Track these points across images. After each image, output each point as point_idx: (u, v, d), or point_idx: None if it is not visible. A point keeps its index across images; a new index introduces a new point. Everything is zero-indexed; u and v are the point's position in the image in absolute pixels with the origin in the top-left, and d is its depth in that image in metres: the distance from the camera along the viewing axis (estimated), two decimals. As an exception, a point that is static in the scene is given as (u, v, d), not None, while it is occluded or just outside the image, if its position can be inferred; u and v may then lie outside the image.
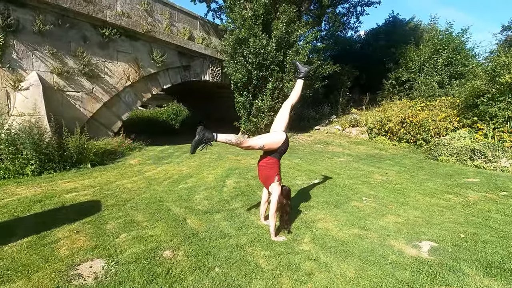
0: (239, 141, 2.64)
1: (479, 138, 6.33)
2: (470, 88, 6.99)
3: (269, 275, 2.15)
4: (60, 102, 7.04)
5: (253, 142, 2.71)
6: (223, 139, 2.57)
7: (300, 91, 3.13)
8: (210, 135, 2.52)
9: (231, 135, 2.62)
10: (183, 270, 2.19)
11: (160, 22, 9.24)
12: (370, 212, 3.43)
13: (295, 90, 3.11)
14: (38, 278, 2.06)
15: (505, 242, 2.62)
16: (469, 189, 4.38)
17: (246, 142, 2.65)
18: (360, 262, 2.32)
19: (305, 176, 5.19)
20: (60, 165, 5.85)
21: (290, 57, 9.07)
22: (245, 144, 2.64)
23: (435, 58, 10.64)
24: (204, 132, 2.52)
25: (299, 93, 3.12)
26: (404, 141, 8.17)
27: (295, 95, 3.09)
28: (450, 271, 2.15)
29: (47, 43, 6.69)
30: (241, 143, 2.64)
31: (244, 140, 2.68)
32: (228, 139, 2.57)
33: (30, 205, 3.66)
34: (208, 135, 2.51)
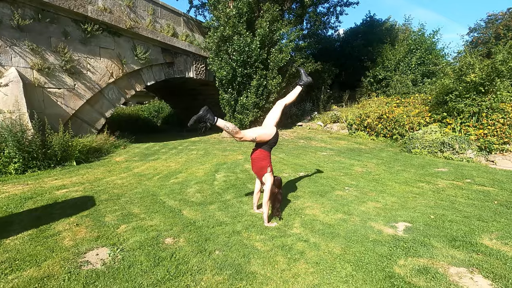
0: (235, 130, 2.83)
1: (448, 132, 6.89)
2: (440, 86, 7.57)
3: (265, 255, 2.37)
4: (41, 99, 6.88)
5: (246, 134, 2.90)
6: (222, 124, 2.78)
7: (297, 96, 3.34)
8: (211, 117, 2.73)
9: (230, 124, 2.82)
10: (186, 254, 2.37)
11: (143, 18, 9.17)
12: (352, 200, 3.74)
13: (293, 93, 3.29)
14: (47, 266, 2.17)
15: (467, 220, 3.00)
16: (439, 177, 4.83)
17: (240, 133, 2.84)
18: (345, 241, 2.60)
19: (291, 169, 5.46)
20: (44, 163, 5.77)
21: (273, 55, 9.31)
22: (239, 134, 2.83)
23: (409, 57, 11.31)
24: (207, 112, 2.73)
25: (294, 98, 3.32)
26: (382, 135, 8.68)
27: (290, 98, 3.26)
28: (421, 245, 2.48)
29: (27, 38, 6.51)
30: (236, 132, 2.83)
31: (239, 131, 2.87)
32: (227, 125, 2.77)
33: (22, 202, 3.66)
34: (210, 116, 2.72)
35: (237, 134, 2.83)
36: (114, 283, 1.97)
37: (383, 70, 11.65)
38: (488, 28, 14.93)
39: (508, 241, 2.53)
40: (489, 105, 6.78)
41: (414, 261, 2.24)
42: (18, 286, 1.92)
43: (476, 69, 6.84)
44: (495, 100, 6.73)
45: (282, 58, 9.30)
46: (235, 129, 2.84)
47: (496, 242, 2.53)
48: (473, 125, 6.87)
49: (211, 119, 2.75)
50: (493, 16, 15.24)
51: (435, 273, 2.07)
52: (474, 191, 4.08)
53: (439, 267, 2.14)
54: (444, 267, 2.15)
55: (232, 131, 2.81)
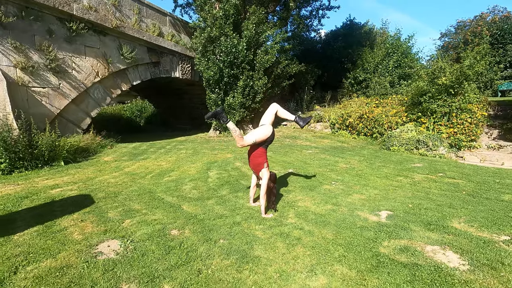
0: (240, 136, 3.08)
1: (423, 130, 7.46)
2: (415, 88, 8.15)
3: (266, 242, 2.62)
4: (25, 98, 6.75)
5: (246, 139, 3.15)
6: (231, 127, 3.09)
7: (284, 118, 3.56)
8: (225, 118, 3.12)
9: (238, 129, 3.09)
10: (193, 243, 2.57)
11: (129, 17, 9.13)
12: (339, 193, 4.07)
13: (285, 116, 3.47)
14: (63, 257, 2.30)
15: (440, 208, 3.40)
16: (415, 172, 5.29)
17: (241, 140, 3.09)
18: (336, 228, 2.90)
19: (280, 166, 5.74)
20: (31, 163, 5.70)
21: (259, 56, 9.57)
22: (241, 142, 3.08)
23: (387, 60, 11.98)
24: (223, 111, 3.17)
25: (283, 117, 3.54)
26: (363, 134, 9.18)
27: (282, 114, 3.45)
28: (402, 229, 2.82)
29: (10, 36, 6.39)
30: (240, 139, 3.07)
31: (242, 138, 3.10)
32: (235, 129, 3.08)
33: (18, 201, 3.69)
34: (224, 117, 3.12)
35: (240, 140, 3.08)
36: (132, 269, 2.14)
37: (363, 72, 12.25)
38: (458, 34, 16.01)
39: (473, 224, 2.93)
40: (458, 105, 7.42)
41: (396, 242, 2.57)
42: (40, 275, 2.05)
43: (447, 73, 7.46)
44: (463, 101, 7.38)
45: (268, 59, 9.58)
46: (241, 134, 3.09)
47: (464, 225, 2.92)
48: (444, 124, 7.48)
49: (224, 118, 3.11)
50: (462, 23, 16.36)
51: (414, 251, 2.40)
52: (446, 183, 4.53)
53: (417, 246, 2.48)
54: (421, 246, 2.49)
55: (238, 136, 3.07)
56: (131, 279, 2.02)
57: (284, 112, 3.51)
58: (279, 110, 3.47)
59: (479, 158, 6.54)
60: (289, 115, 3.52)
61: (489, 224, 2.91)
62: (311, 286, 1.99)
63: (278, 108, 3.47)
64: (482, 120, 7.48)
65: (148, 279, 2.01)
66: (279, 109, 3.47)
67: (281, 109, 3.48)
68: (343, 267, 2.21)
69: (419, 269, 2.12)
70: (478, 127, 7.22)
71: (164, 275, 2.08)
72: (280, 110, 3.47)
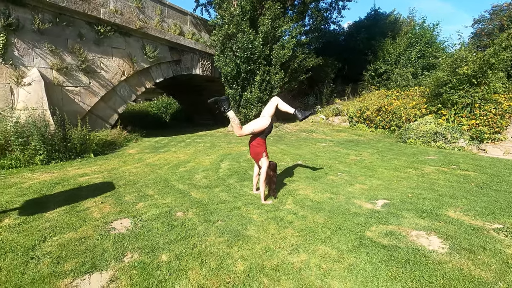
0: (239, 126, 3.32)
1: (442, 122, 7.19)
2: (435, 79, 7.84)
3: (260, 224, 2.84)
4: (60, 97, 7.46)
5: (245, 129, 3.39)
6: (232, 115, 3.34)
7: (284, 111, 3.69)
8: (227, 105, 3.33)
9: (237, 119, 3.32)
10: (194, 223, 2.86)
11: (151, 18, 9.65)
12: (342, 183, 4.17)
13: (286, 109, 3.61)
14: (83, 231, 2.68)
15: (440, 198, 3.40)
16: (427, 164, 5.20)
17: (239, 130, 3.33)
18: (329, 214, 3.04)
19: (290, 159, 5.91)
20: (65, 155, 6.35)
21: (276, 51, 9.69)
22: (239, 131, 3.32)
23: (409, 51, 11.51)
24: (226, 99, 3.34)
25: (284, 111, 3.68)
26: (380, 127, 9.01)
27: (282, 107, 3.60)
28: (393, 216, 2.91)
29: (46, 40, 7.07)
30: (239, 128, 3.32)
31: (241, 127, 3.34)
32: (235, 118, 3.33)
33: (52, 186, 4.21)
34: (226, 103, 3.33)
35: (239, 130, 3.32)
36: (137, 241, 2.47)
37: (384, 63, 11.88)
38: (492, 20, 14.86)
39: (469, 212, 2.93)
40: (481, 96, 7.06)
41: (384, 227, 2.68)
42: (63, 243, 2.44)
43: (469, 62, 7.11)
44: (487, 91, 7.00)
45: (284, 54, 9.67)
46: (240, 125, 3.33)
47: (459, 213, 2.93)
48: (466, 115, 7.15)
49: (226, 106, 3.34)
50: (497, 7, 15.15)
51: (398, 235, 2.50)
52: (456, 175, 4.45)
53: (403, 231, 2.57)
54: (407, 231, 2.58)
55: (237, 125, 3.32)
56: (135, 249, 2.34)
57: (284, 105, 3.68)
58: (280, 103, 3.64)
59: (502, 151, 6.23)
60: (289, 108, 3.68)
61: (486, 213, 2.91)
62: (291, 261, 2.18)
63: (278, 101, 3.65)
64: (510, 111, 7.04)
65: (149, 250, 2.33)
66: (279, 102, 3.64)
67: (282, 103, 3.66)
68: (325, 247, 2.38)
69: (397, 251, 2.23)
70: (504, 119, 6.82)
71: (164, 247, 2.38)
72: (280, 104, 3.65)
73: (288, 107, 3.70)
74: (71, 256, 2.23)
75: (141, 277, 1.97)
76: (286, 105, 3.70)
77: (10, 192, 3.90)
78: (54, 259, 2.19)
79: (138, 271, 2.03)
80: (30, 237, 2.54)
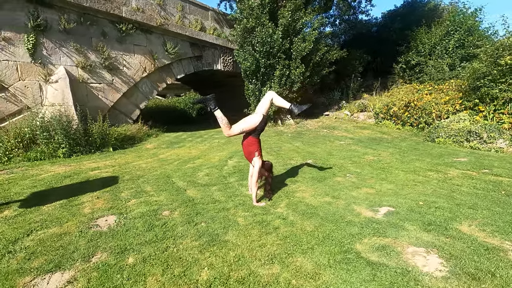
0: (227, 126, 3.16)
1: (479, 120, 6.37)
2: (471, 71, 6.95)
3: (243, 228, 2.67)
4: (85, 93, 7.84)
5: (233, 129, 3.21)
6: (219, 115, 3.19)
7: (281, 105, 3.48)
8: (212, 105, 3.19)
9: (225, 118, 3.16)
10: (175, 223, 2.77)
11: (172, 15, 9.77)
12: (347, 186, 3.83)
13: (281, 103, 3.41)
14: (67, 226, 2.72)
15: (456, 208, 2.96)
16: (453, 167, 4.62)
17: (228, 130, 3.17)
18: (321, 220, 2.78)
19: (301, 157, 5.62)
20: (86, 149, 6.66)
21: (296, 44, 9.31)
22: (227, 131, 3.17)
23: (447, 40, 10.40)
24: (212, 98, 3.23)
25: (279, 106, 3.50)
26: (408, 124, 8.27)
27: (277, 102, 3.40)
28: (392, 227, 2.56)
29: (72, 39, 7.44)
30: (226, 128, 3.16)
31: (229, 127, 3.18)
32: (222, 118, 3.17)
33: (62, 179, 4.40)
34: (212, 103, 3.20)
35: (227, 130, 3.16)
36: (112, 241, 2.43)
37: (417, 55, 10.87)
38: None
39: (487, 228, 2.49)
40: (529, 90, 6.12)
41: (378, 240, 2.36)
42: (43, 238, 2.48)
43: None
44: (535, 84, 6.05)
45: (305, 47, 9.26)
46: (227, 124, 3.17)
47: (474, 228, 2.50)
48: (508, 112, 6.25)
49: (212, 105, 3.20)
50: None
51: (391, 250, 2.18)
52: (485, 181, 3.88)
53: (398, 246, 2.24)
54: (403, 246, 2.24)
55: (225, 125, 3.16)
56: (106, 249, 2.30)
57: (280, 99, 3.45)
58: (275, 98, 3.42)
59: (551, 154, 5.35)
60: (284, 102, 3.45)
61: (509, 230, 2.45)
62: (260, 273, 1.99)
63: (273, 95, 3.43)
64: None
65: (119, 250, 2.27)
66: (274, 96, 3.42)
67: (277, 97, 3.43)
68: (304, 259, 2.14)
69: (383, 270, 1.94)
70: (557, 116, 5.86)
71: (135, 248, 2.31)
72: (275, 98, 3.43)
73: (284, 101, 3.47)
74: (43, 253, 2.24)
75: (99, 280, 1.91)
76: (282, 100, 3.47)
77: (23, 184, 4.13)
78: (28, 255, 2.22)
79: (99, 274, 1.97)
80: (18, 230, 2.63)
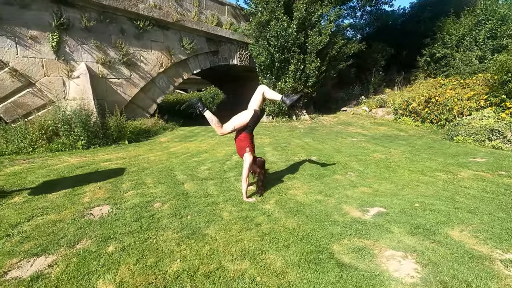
0: (218, 125, 3.21)
1: (505, 117, 5.86)
2: (498, 64, 6.37)
3: (225, 223, 2.70)
4: (105, 88, 8.23)
5: (225, 128, 3.25)
6: (208, 115, 3.26)
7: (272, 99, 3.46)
8: (201, 107, 3.28)
9: (215, 118, 3.20)
10: (162, 215, 2.86)
11: (189, 10, 9.91)
12: (345, 184, 3.73)
13: (273, 96, 3.36)
14: (64, 214, 2.91)
15: (454, 211, 2.77)
16: (466, 167, 4.32)
17: (220, 129, 3.21)
18: (306, 219, 2.73)
19: (305, 154, 5.53)
20: (103, 141, 7.02)
21: (311, 38, 9.09)
22: (220, 130, 3.21)
23: (477, 30, 9.58)
24: (198, 101, 3.34)
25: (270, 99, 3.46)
26: (428, 121, 7.80)
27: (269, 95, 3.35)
28: (377, 229, 2.47)
29: (92, 37, 7.82)
30: (218, 127, 3.20)
31: (220, 126, 3.22)
32: (212, 118, 3.23)
33: (74, 169, 4.68)
34: (200, 105, 3.29)
35: (219, 129, 3.20)
36: (99, 229, 2.57)
37: (443, 47, 10.14)
38: None
39: (480, 234, 2.32)
40: None
41: (357, 241, 2.28)
42: (39, 224, 2.67)
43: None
44: None
45: (321, 40, 9.01)
46: (218, 123, 3.21)
47: (465, 234, 2.34)
48: (539, 109, 5.70)
49: (200, 107, 3.29)
50: None
51: (367, 253, 2.10)
52: (497, 184, 3.59)
53: (376, 249, 2.16)
54: (381, 249, 2.15)
55: (215, 124, 3.22)
56: (91, 237, 2.44)
57: (271, 92, 3.41)
58: (266, 91, 3.39)
59: None
60: (276, 95, 3.40)
61: (504, 237, 2.26)
62: (229, 268, 2.01)
63: (265, 89, 3.39)
64: None
65: (103, 239, 2.40)
66: (265, 90, 3.39)
67: (268, 90, 3.40)
68: (276, 256, 2.13)
69: (351, 273, 1.88)
70: None
71: (118, 237, 2.42)
72: (267, 91, 3.39)
73: (275, 94, 3.42)
74: (35, 237, 2.42)
75: (76, 265, 2.03)
76: (273, 92, 3.43)
77: (39, 173, 4.46)
78: (22, 238, 2.41)
79: (78, 260, 2.10)
80: (21, 215, 2.85)
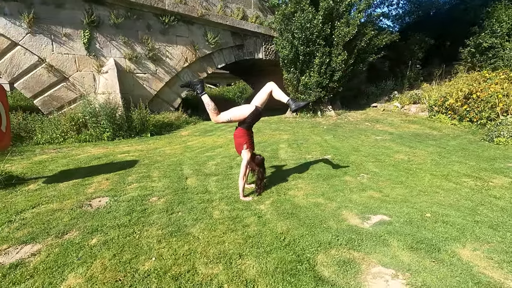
0: (214, 112, 3.10)
1: (560, 117, 5.03)
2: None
3: (212, 222, 2.61)
4: (131, 83, 8.57)
5: (221, 116, 3.13)
6: (206, 100, 3.16)
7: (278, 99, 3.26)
8: (199, 89, 3.19)
9: (212, 104, 3.11)
10: (154, 210, 2.85)
11: (214, 5, 9.91)
12: (352, 187, 3.44)
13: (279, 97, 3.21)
14: (66, 203, 3.03)
15: (471, 225, 2.39)
16: (502, 174, 3.77)
17: (215, 116, 3.10)
18: (297, 223, 2.55)
19: (320, 152, 5.25)
20: (127, 133, 7.33)
21: (338, 29, 8.59)
22: (214, 117, 3.10)
23: (535, 16, 8.32)
24: (199, 82, 3.24)
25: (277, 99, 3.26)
26: (467, 119, 6.96)
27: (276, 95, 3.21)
28: (372, 240, 2.21)
29: (120, 33, 8.14)
30: (214, 113, 3.09)
31: (217, 113, 3.11)
32: (209, 103, 3.13)
33: (92, 160, 4.92)
34: (200, 86, 3.20)
35: (214, 116, 3.09)
36: (90, 220, 2.63)
37: (491, 36, 8.96)
38: None
39: (495, 255, 1.96)
40: None
41: (345, 253, 2.06)
42: (40, 212, 2.81)
43: None
44: None
45: (348, 31, 8.48)
46: (215, 110, 3.11)
47: (478, 254, 2.00)
48: None
49: (199, 89, 3.20)
50: None
51: (352, 268, 1.88)
52: (536, 196, 3.07)
53: (364, 264, 1.92)
54: (370, 264, 1.91)
55: (212, 110, 3.10)
56: (81, 228, 2.49)
57: (279, 92, 3.24)
58: (274, 90, 3.23)
59: None
60: (283, 96, 3.23)
61: (527, 262, 1.89)
62: (200, 272, 1.92)
63: (273, 87, 3.23)
64: None
65: (90, 231, 2.44)
66: (274, 88, 3.22)
67: (276, 89, 3.23)
68: (253, 262, 2.00)
69: (326, 289, 1.68)
70: None
71: (104, 230, 2.45)
72: (275, 90, 3.23)
73: (283, 95, 3.24)
74: (31, 225, 2.54)
75: (56, 256, 2.08)
76: (281, 93, 3.25)
77: (60, 162, 4.75)
78: (20, 225, 2.54)
79: (59, 250, 2.15)
80: (28, 203, 3.03)
